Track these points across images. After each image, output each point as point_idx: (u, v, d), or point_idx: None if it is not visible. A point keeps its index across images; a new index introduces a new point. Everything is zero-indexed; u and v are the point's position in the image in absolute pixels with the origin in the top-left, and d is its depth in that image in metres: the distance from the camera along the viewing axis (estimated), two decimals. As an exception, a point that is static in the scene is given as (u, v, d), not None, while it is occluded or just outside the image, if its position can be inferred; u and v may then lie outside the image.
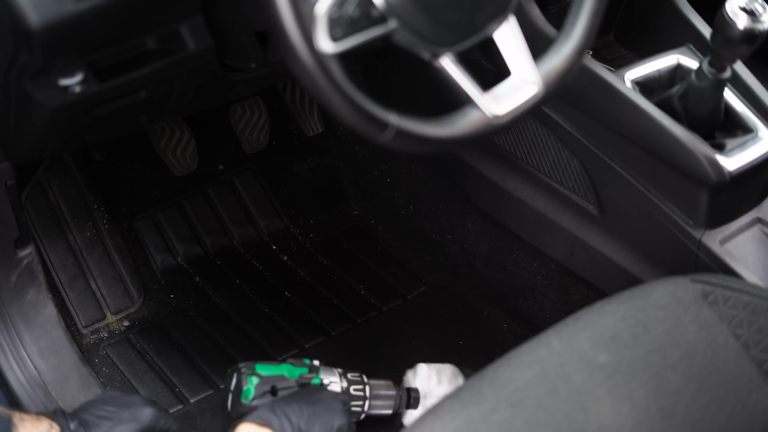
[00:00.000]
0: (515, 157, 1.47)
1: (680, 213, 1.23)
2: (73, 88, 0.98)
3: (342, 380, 1.26)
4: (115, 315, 1.62)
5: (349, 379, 1.27)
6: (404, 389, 1.33)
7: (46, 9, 0.87)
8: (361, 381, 1.28)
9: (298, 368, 1.25)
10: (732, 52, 1.12)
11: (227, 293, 1.70)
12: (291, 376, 1.23)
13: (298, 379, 1.23)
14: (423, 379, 1.36)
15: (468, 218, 1.66)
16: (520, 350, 0.96)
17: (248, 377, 1.21)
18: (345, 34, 0.81)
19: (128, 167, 1.79)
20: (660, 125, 1.18)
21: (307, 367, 1.26)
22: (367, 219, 1.88)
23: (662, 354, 0.95)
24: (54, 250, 1.60)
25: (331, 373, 1.27)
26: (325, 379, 1.25)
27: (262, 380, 1.21)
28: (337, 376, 1.26)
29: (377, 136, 0.84)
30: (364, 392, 1.27)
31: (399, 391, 1.32)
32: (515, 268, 1.59)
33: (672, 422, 0.91)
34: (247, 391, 1.21)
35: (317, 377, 1.25)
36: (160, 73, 1.07)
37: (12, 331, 1.41)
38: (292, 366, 1.25)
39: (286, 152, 1.92)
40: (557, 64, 0.94)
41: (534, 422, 0.88)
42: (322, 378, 1.25)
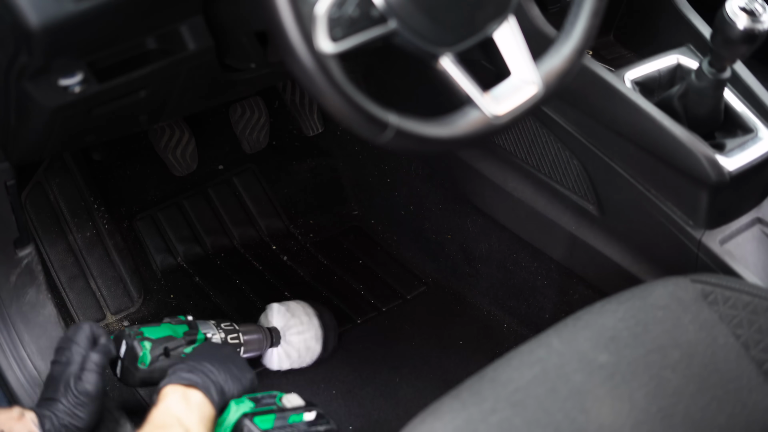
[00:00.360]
0: (515, 157, 1.47)
1: (680, 213, 1.23)
2: (73, 88, 0.98)
3: (219, 331, 1.29)
4: (115, 315, 1.62)
5: (224, 329, 1.30)
6: (266, 330, 1.38)
7: (46, 9, 0.87)
8: (234, 329, 1.32)
9: (179, 326, 1.26)
10: (732, 52, 1.12)
11: (227, 293, 1.70)
12: (176, 335, 1.24)
13: (185, 337, 1.24)
14: (279, 317, 1.43)
15: (468, 218, 1.66)
16: (520, 350, 0.96)
17: (141, 342, 1.20)
18: (345, 34, 0.81)
19: (128, 167, 1.79)
20: (660, 125, 1.18)
21: (186, 324, 1.27)
22: (367, 219, 1.88)
23: (662, 354, 0.95)
24: (54, 250, 1.60)
25: (208, 326, 1.29)
26: (207, 333, 1.28)
27: (154, 343, 1.21)
28: (214, 329, 1.29)
29: (377, 137, 0.84)
30: (239, 339, 1.31)
31: (264, 332, 1.37)
32: (515, 268, 1.59)
33: (672, 422, 0.91)
34: (144, 356, 1.20)
35: (200, 332, 1.27)
36: (160, 73, 1.07)
37: (12, 331, 1.40)
38: (172, 325, 1.26)
39: (286, 152, 1.92)
40: (557, 64, 0.94)
41: (534, 422, 0.88)
42: (205, 333, 1.27)
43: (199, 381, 1.11)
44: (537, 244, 1.52)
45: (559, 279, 1.50)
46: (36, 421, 1.10)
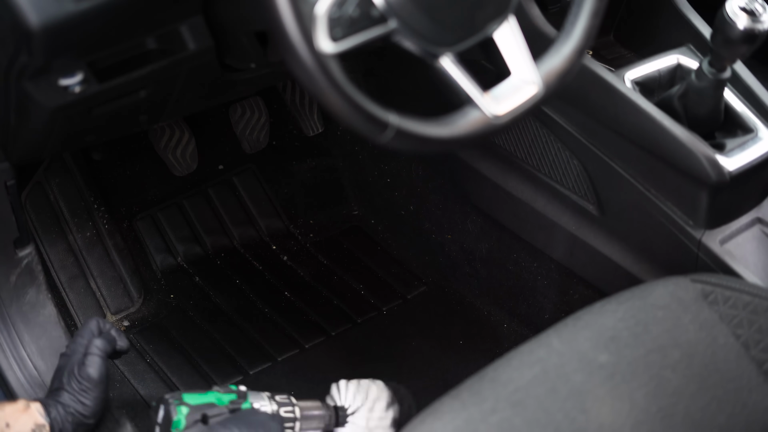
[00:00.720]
0: (515, 157, 1.47)
1: (680, 213, 1.23)
2: (73, 88, 0.98)
3: (271, 403, 1.23)
4: (115, 315, 1.62)
5: (278, 401, 1.24)
6: (332, 408, 1.30)
7: (46, 9, 0.87)
8: (290, 403, 1.25)
9: (227, 395, 1.22)
10: (732, 52, 1.12)
11: (227, 293, 1.70)
12: (220, 402, 1.20)
13: (228, 405, 1.20)
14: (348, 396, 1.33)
15: (468, 218, 1.66)
16: (520, 350, 0.96)
17: (177, 407, 1.17)
18: (345, 34, 0.81)
19: (128, 167, 1.79)
20: (660, 125, 1.18)
21: (235, 393, 1.22)
22: (367, 219, 1.88)
23: (662, 354, 0.95)
24: (54, 250, 1.60)
25: (259, 397, 1.23)
26: (255, 403, 1.22)
27: (192, 409, 1.17)
28: (266, 400, 1.23)
29: (377, 136, 0.84)
30: (294, 414, 1.24)
31: (328, 410, 1.29)
32: (515, 268, 1.59)
33: (672, 422, 0.91)
34: (178, 422, 1.16)
35: (247, 401, 1.22)
36: (160, 73, 1.07)
37: (12, 331, 1.40)
38: (219, 393, 1.22)
39: (286, 152, 1.92)
40: (557, 64, 0.94)
41: (534, 422, 0.88)
42: (252, 402, 1.22)
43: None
44: (537, 244, 1.52)
45: (559, 279, 1.50)
46: (42, 412, 1.10)
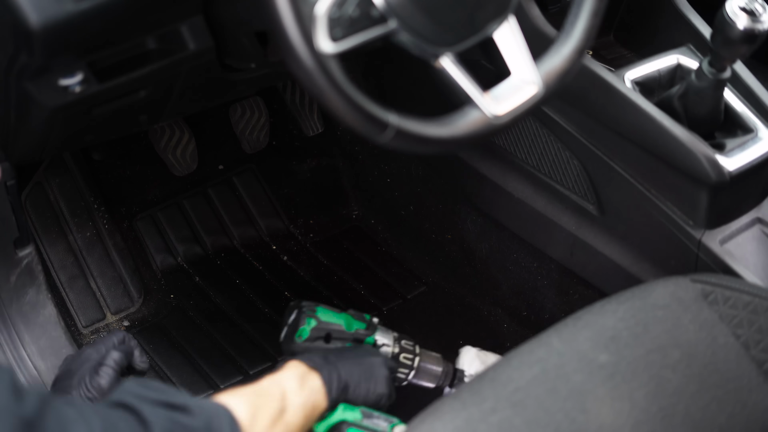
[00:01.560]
0: (515, 157, 1.47)
1: (680, 213, 1.23)
2: (73, 88, 0.98)
3: (395, 345, 1.25)
4: (115, 315, 1.62)
5: (402, 345, 1.26)
6: (451, 367, 1.32)
7: (46, 9, 0.87)
8: (413, 351, 1.27)
9: (357, 322, 1.25)
10: (732, 52, 1.12)
11: (227, 293, 1.70)
12: (348, 328, 1.23)
13: (354, 333, 1.23)
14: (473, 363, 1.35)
15: (468, 218, 1.66)
16: (520, 350, 0.96)
17: (307, 318, 1.21)
18: (345, 34, 0.81)
19: (128, 167, 1.79)
20: (660, 125, 1.18)
21: (365, 323, 1.25)
22: (367, 219, 1.88)
23: (662, 354, 0.95)
24: (54, 250, 1.60)
25: (386, 335, 1.26)
26: (379, 340, 1.25)
27: (320, 324, 1.21)
28: (391, 340, 1.25)
29: (377, 136, 0.84)
30: (412, 362, 1.26)
31: (446, 368, 1.30)
32: (515, 268, 1.59)
33: (672, 422, 0.91)
34: (303, 330, 1.20)
35: (372, 337, 1.24)
36: (160, 73, 1.07)
37: (12, 331, 1.41)
38: (351, 318, 1.25)
39: (286, 152, 1.92)
40: (557, 64, 0.94)
41: (534, 422, 0.88)
42: (377, 338, 1.25)
43: (324, 369, 1.09)
44: (537, 244, 1.52)
45: (559, 279, 1.50)
46: None
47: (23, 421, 0.65)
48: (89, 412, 0.72)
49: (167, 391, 0.83)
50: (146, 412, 0.78)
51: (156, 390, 0.83)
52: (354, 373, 1.12)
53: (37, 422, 0.66)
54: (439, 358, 1.30)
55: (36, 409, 0.67)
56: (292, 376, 1.06)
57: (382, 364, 1.17)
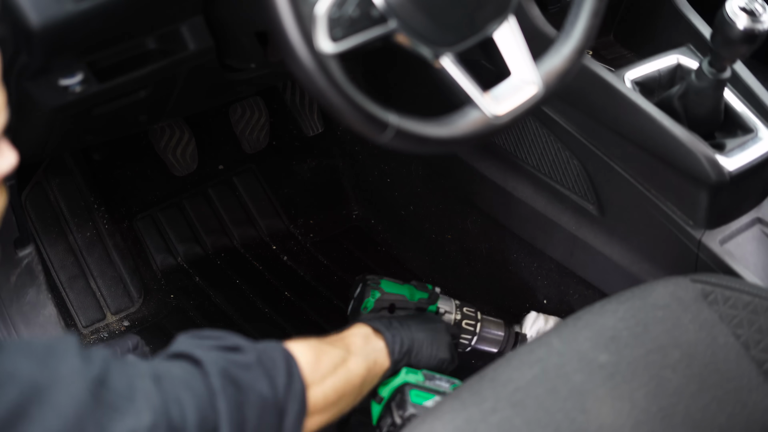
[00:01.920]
0: (515, 157, 1.47)
1: (680, 213, 1.23)
2: (73, 88, 0.98)
3: (457, 312, 1.29)
4: (115, 315, 1.62)
5: (464, 312, 1.30)
6: (513, 332, 1.35)
7: (46, 9, 0.87)
8: (475, 317, 1.31)
9: (419, 292, 1.29)
10: (732, 52, 1.12)
11: (227, 293, 1.70)
12: (411, 298, 1.27)
13: (417, 302, 1.27)
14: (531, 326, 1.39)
15: (468, 218, 1.66)
16: (520, 350, 0.96)
17: (372, 290, 1.26)
18: (345, 34, 0.81)
19: (128, 167, 1.79)
20: (660, 125, 1.18)
21: (427, 293, 1.29)
22: (367, 219, 1.88)
23: (662, 354, 0.95)
24: (54, 250, 1.60)
25: (448, 302, 1.30)
26: (441, 308, 1.29)
27: (383, 296, 1.26)
28: (453, 307, 1.30)
29: (377, 136, 0.84)
30: (474, 329, 1.30)
31: (508, 333, 1.34)
32: (515, 268, 1.59)
33: (672, 422, 0.91)
34: (368, 302, 1.25)
35: (434, 305, 1.28)
36: (160, 73, 1.07)
37: (12, 331, 1.41)
38: (414, 288, 1.29)
39: (286, 152, 1.92)
40: (557, 64, 0.94)
41: (534, 422, 0.88)
42: (439, 306, 1.29)
43: (387, 332, 1.12)
44: (537, 244, 1.52)
45: (559, 279, 1.50)
46: None
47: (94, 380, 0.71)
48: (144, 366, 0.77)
49: (221, 336, 0.88)
50: (200, 355, 0.83)
51: (209, 337, 0.88)
52: (417, 337, 1.15)
53: (105, 379, 0.72)
54: (501, 324, 1.35)
55: (102, 368, 0.72)
56: (358, 333, 1.11)
57: (445, 330, 1.21)
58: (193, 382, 0.79)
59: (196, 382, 0.79)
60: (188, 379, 0.79)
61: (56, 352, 0.71)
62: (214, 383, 0.80)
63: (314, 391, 0.91)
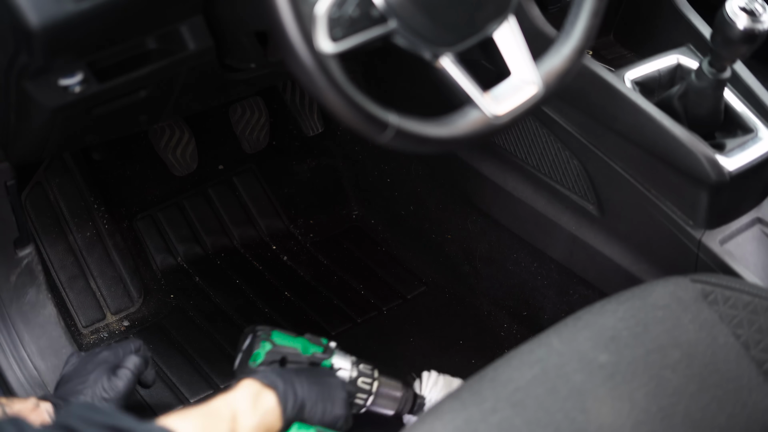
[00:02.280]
0: (515, 157, 1.47)
1: (680, 213, 1.23)
2: (73, 88, 0.98)
3: (353, 369, 1.22)
4: (115, 315, 1.62)
5: (360, 370, 1.23)
6: (411, 393, 1.28)
7: (46, 9, 0.87)
8: (371, 375, 1.24)
9: (313, 345, 1.22)
10: (732, 52, 1.12)
11: (227, 293, 1.70)
12: (304, 351, 1.20)
13: (310, 356, 1.20)
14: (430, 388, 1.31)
15: (468, 218, 1.66)
16: (520, 350, 0.96)
17: (262, 341, 1.19)
18: (345, 34, 0.81)
19: (128, 167, 1.79)
20: (660, 125, 1.18)
21: (322, 347, 1.22)
22: (367, 219, 1.88)
23: (662, 354, 0.95)
24: (54, 250, 1.60)
25: (344, 358, 1.23)
26: (336, 363, 1.22)
27: (274, 348, 1.19)
28: (349, 364, 1.23)
29: (377, 136, 0.84)
30: (370, 387, 1.23)
31: (405, 394, 1.26)
32: (515, 268, 1.59)
33: (672, 422, 0.91)
34: (257, 354, 1.18)
35: (329, 360, 1.21)
36: (160, 73, 1.07)
37: (12, 331, 1.41)
38: (307, 342, 1.22)
39: (286, 152, 1.92)
40: (557, 64, 0.94)
41: (534, 422, 0.88)
42: (334, 362, 1.22)
43: (281, 387, 1.05)
44: (537, 244, 1.52)
45: (559, 279, 1.50)
46: (51, 411, 1.10)
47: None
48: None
49: (113, 415, 0.82)
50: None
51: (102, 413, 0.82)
52: (311, 392, 1.09)
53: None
54: (398, 385, 1.26)
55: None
56: (246, 395, 1.02)
57: (340, 386, 1.15)
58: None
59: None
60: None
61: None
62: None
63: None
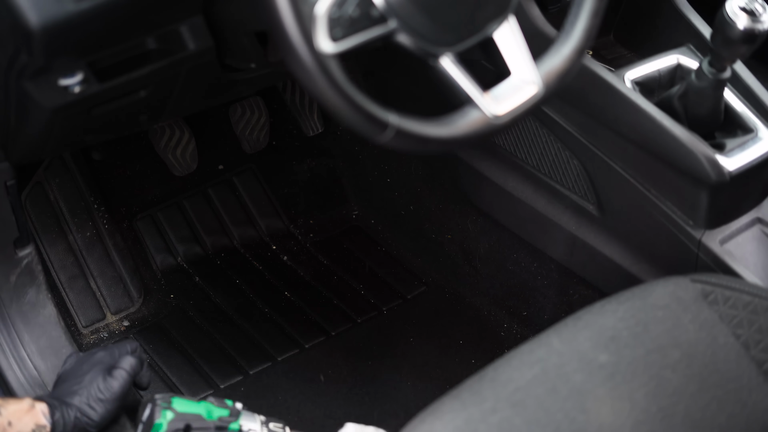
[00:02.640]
0: (515, 157, 1.47)
1: (680, 213, 1.23)
2: (73, 88, 0.98)
3: (263, 429, 1.18)
4: (115, 315, 1.62)
5: (271, 429, 1.19)
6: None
7: (46, 9, 0.87)
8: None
9: (218, 409, 1.17)
10: (732, 52, 1.12)
11: (227, 293, 1.70)
12: (209, 416, 1.16)
13: (216, 421, 1.15)
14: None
15: (468, 218, 1.66)
16: (520, 350, 0.96)
17: (162, 411, 1.13)
18: (345, 34, 0.81)
19: (128, 167, 1.79)
20: (660, 125, 1.18)
21: (228, 409, 1.18)
22: (367, 219, 1.88)
23: (662, 354, 0.95)
24: (54, 250, 1.60)
25: (252, 419, 1.18)
26: (244, 425, 1.17)
27: (177, 417, 1.13)
28: (258, 424, 1.18)
29: (377, 136, 0.84)
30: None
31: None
32: (515, 268, 1.59)
33: (672, 422, 0.91)
34: (159, 425, 1.13)
35: (237, 422, 1.17)
36: (160, 73, 1.07)
37: (12, 331, 1.40)
38: (212, 405, 1.17)
39: (286, 152, 1.92)
40: (557, 64, 0.94)
41: (534, 422, 0.88)
42: (242, 424, 1.17)
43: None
44: (537, 244, 1.52)
45: (559, 279, 1.50)
46: (46, 412, 1.10)
47: None
48: None
49: None
50: None
51: None
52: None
53: None
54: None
55: None
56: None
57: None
58: None
59: None
60: None
61: None
62: None
63: None
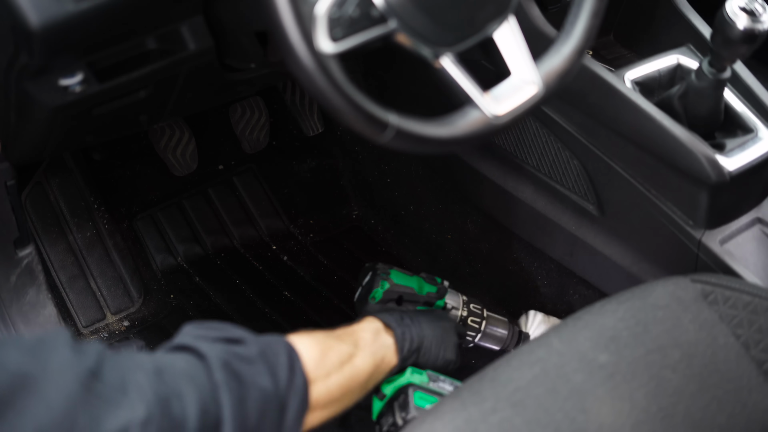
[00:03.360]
0: (515, 157, 1.47)
1: (680, 213, 1.23)
2: (73, 88, 0.98)
3: (463, 309, 1.30)
4: (115, 315, 1.62)
5: (471, 309, 1.31)
6: (517, 331, 1.36)
7: (46, 9, 0.87)
8: (481, 315, 1.32)
9: (428, 285, 1.29)
10: (732, 52, 1.12)
11: (227, 293, 1.70)
12: (420, 291, 1.27)
13: (425, 296, 1.27)
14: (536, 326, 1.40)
15: (468, 218, 1.66)
16: (520, 350, 0.96)
17: (381, 280, 1.26)
18: (345, 34, 0.81)
19: (128, 167, 1.79)
20: (660, 125, 1.18)
21: (436, 286, 1.30)
22: (367, 219, 1.88)
23: (662, 354, 0.95)
24: (54, 250, 1.60)
25: (456, 298, 1.31)
26: (449, 303, 1.29)
27: (392, 287, 1.25)
28: (460, 303, 1.30)
29: (377, 136, 0.84)
30: (479, 326, 1.31)
31: (512, 331, 1.35)
32: (515, 268, 1.59)
33: (672, 422, 0.91)
34: (377, 292, 1.25)
35: (442, 300, 1.29)
36: (160, 73, 1.07)
37: (12, 331, 1.40)
38: (423, 281, 1.30)
39: (286, 152, 1.92)
40: (557, 64, 0.94)
41: (534, 422, 0.88)
42: (447, 301, 1.29)
43: (398, 329, 1.12)
44: (537, 244, 1.52)
45: (559, 279, 1.50)
46: None
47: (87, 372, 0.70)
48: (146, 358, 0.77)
49: (225, 328, 0.88)
50: (203, 348, 0.82)
51: (214, 329, 0.87)
52: (426, 336, 1.15)
53: (99, 372, 0.71)
54: (506, 322, 1.35)
55: (96, 361, 0.72)
56: (368, 328, 1.10)
57: (453, 330, 1.21)
58: (196, 375, 0.79)
59: (199, 375, 0.79)
60: (191, 372, 0.79)
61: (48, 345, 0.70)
62: (217, 377, 0.79)
63: (317, 387, 0.91)
